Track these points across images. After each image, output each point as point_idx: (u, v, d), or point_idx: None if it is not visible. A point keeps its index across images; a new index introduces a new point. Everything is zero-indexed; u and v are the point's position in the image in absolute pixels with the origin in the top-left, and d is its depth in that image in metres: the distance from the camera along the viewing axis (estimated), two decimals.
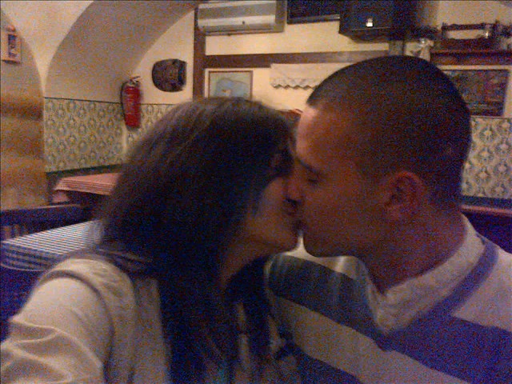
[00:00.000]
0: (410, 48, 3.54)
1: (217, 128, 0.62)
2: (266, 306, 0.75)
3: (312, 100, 0.61)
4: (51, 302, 0.52)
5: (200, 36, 4.36)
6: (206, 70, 4.43)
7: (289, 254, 0.80)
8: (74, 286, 0.54)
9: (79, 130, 4.25)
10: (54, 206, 2.85)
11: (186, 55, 4.48)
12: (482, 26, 3.30)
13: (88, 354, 0.48)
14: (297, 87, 4.01)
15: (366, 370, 0.66)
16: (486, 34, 3.28)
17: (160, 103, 4.63)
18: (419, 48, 3.40)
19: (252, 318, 0.73)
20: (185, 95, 4.46)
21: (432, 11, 3.50)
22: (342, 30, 3.56)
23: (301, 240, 0.67)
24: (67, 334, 0.48)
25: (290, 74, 3.99)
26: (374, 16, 3.34)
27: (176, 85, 4.51)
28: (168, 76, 4.51)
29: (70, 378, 0.44)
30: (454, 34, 3.44)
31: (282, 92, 4.05)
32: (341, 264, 0.75)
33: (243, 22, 3.96)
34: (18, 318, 0.50)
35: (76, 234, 2.32)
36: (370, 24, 3.36)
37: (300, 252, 0.72)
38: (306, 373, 0.75)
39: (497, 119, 3.42)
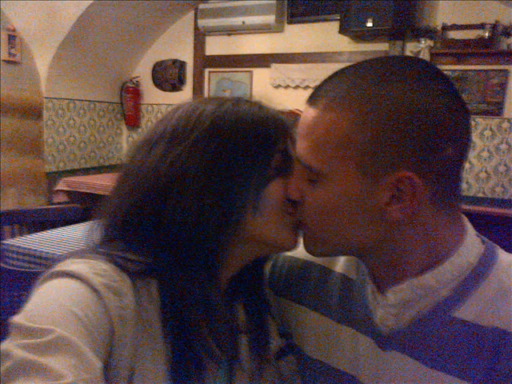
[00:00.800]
0: (410, 48, 3.54)
1: (217, 128, 0.62)
2: (266, 306, 0.75)
3: (312, 100, 0.61)
4: (51, 302, 0.52)
5: (200, 36, 4.36)
6: (206, 70, 4.43)
7: (289, 253, 0.80)
8: (74, 285, 0.54)
9: (79, 130, 4.25)
10: (53, 206, 2.85)
11: (186, 55, 4.48)
12: (482, 26, 3.30)
13: (88, 354, 0.48)
14: (297, 87, 4.01)
15: (366, 370, 0.66)
16: (486, 34, 3.28)
17: (160, 103, 4.63)
18: (419, 48, 3.40)
19: (252, 317, 0.73)
20: (185, 95, 4.46)
21: (432, 11, 3.50)
22: (342, 30, 3.56)
23: (301, 240, 0.67)
24: (67, 334, 0.48)
25: (290, 74, 3.99)
26: (374, 16, 3.34)
27: (176, 85, 4.51)
28: (168, 76, 4.51)
29: (70, 378, 0.44)
30: (454, 34, 3.44)
31: (282, 92, 4.05)
32: (341, 264, 0.75)
33: (243, 22, 3.96)
34: (17, 318, 0.50)
35: (76, 233, 2.32)
36: (370, 24, 3.36)
37: (300, 252, 0.72)
38: (306, 373, 0.75)
39: (497, 119, 3.42)
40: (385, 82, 0.56)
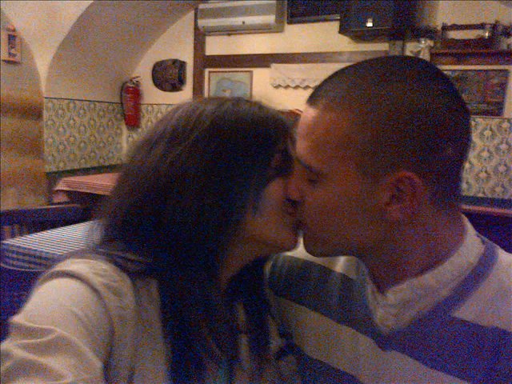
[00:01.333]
0: (410, 48, 3.54)
1: (217, 128, 0.63)
2: (266, 306, 0.75)
3: (312, 100, 0.61)
4: (51, 302, 0.52)
5: (200, 36, 4.36)
6: (206, 70, 4.43)
7: (289, 253, 0.80)
8: (74, 285, 0.54)
9: (79, 130, 4.25)
10: (54, 206, 2.85)
11: (186, 55, 4.48)
12: (482, 26, 3.31)
13: (88, 354, 0.48)
14: (297, 87, 4.01)
15: (365, 369, 0.66)
16: (486, 34, 3.28)
17: (160, 103, 4.63)
18: (419, 48, 3.40)
19: (252, 317, 0.73)
20: (185, 95, 4.46)
21: (432, 11, 3.50)
22: (342, 30, 3.56)
23: (301, 240, 0.67)
24: (67, 333, 0.48)
25: (290, 74, 3.99)
26: (374, 16, 3.34)
27: (176, 85, 4.51)
28: (168, 76, 4.51)
29: (70, 378, 0.44)
30: (454, 34, 3.44)
31: (282, 92, 4.05)
32: (341, 264, 0.75)
33: (243, 22, 3.96)
34: (17, 318, 0.50)
35: (76, 233, 2.32)
36: (370, 24, 3.37)
37: (300, 252, 0.72)
38: (306, 373, 0.75)
39: (497, 119, 3.42)
40: (385, 82, 0.56)
